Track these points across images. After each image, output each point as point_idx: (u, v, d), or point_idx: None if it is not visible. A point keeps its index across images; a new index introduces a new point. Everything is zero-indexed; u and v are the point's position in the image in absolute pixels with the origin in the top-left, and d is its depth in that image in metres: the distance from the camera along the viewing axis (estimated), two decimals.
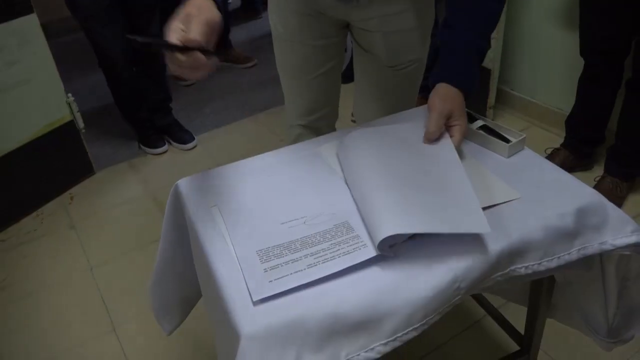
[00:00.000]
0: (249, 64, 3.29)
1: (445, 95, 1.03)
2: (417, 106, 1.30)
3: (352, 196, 0.93)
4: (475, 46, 1.03)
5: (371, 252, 0.80)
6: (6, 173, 2.06)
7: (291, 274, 0.78)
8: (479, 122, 1.12)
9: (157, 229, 1.99)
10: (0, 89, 1.95)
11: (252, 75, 3.21)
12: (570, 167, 2.10)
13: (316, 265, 0.79)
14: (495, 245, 0.82)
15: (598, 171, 2.07)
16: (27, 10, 1.95)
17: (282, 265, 0.80)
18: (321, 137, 1.15)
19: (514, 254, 0.84)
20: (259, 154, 1.12)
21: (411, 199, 0.85)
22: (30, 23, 1.97)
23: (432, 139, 1.02)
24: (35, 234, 2.09)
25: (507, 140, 1.06)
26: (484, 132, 1.09)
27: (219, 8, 0.86)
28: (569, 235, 0.87)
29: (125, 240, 2.02)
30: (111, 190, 2.30)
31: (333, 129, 1.54)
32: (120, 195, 2.27)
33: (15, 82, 1.99)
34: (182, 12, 0.83)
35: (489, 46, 1.06)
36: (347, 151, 1.01)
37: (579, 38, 1.92)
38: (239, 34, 3.68)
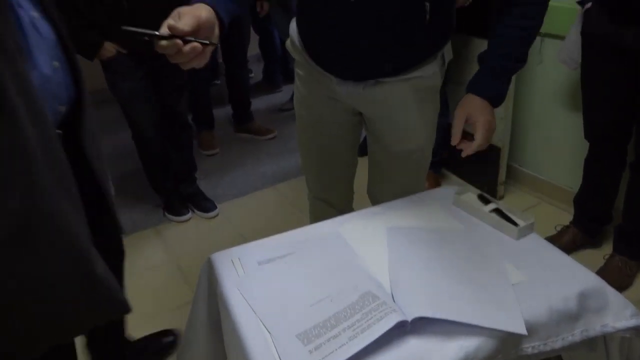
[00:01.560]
0: (269, 136, 3.45)
1: (464, 102, 1.27)
2: (427, 181, 1.41)
3: (390, 278, 1.01)
4: (500, 66, 1.26)
5: (402, 316, 0.88)
6: None
7: (336, 349, 0.84)
8: (492, 205, 1.22)
9: (180, 295, 2.08)
10: None
11: (271, 147, 3.37)
12: (579, 244, 2.17)
13: (356, 336, 0.86)
14: None
15: (607, 249, 2.13)
16: None
17: (325, 344, 0.86)
18: (340, 217, 1.25)
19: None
20: (278, 224, 1.21)
21: (453, 288, 0.95)
22: None
23: (455, 140, 1.25)
24: None
25: (516, 224, 1.15)
26: (496, 214, 1.18)
27: (217, 13, 0.98)
28: (572, 317, 0.94)
29: (149, 305, 2.09)
30: (137, 256, 2.39)
31: (350, 202, 1.66)
32: (146, 261, 2.36)
33: None
34: (176, 10, 0.94)
35: (520, 64, 1.28)
36: (396, 243, 1.11)
37: (583, 122, 2.04)
38: (259, 106, 3.88)
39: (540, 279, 0.99)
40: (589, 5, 1.81)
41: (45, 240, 0.86)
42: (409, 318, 0.88)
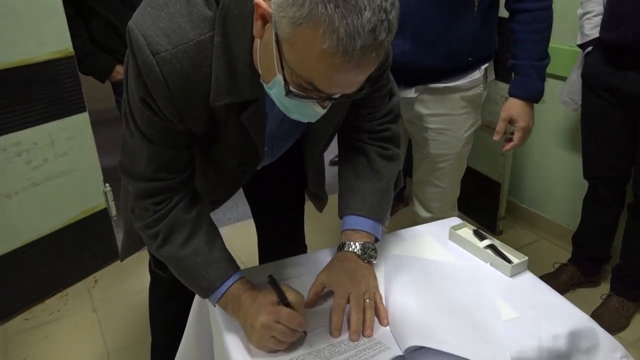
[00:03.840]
0: None
1: (508, 106, 1.60)
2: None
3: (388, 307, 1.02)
4: (532, 67, 1.54)
5: (394, 352, 0.89)
6: (38, 254, 2.19)
7: None
8: (487, 241, 1.23)
9: None
10: (47, 177, 2.14)
11: None
12: (577, 283, 2.17)
13: None
14: None
15: (605, 288, 2.13)
16: (81, 109, 2.18)
17: None
18: None
19: None
20: None
21: (446, 321, 0.96)
22: (81, 120, 2.19)
23: (497, 137, 1.61)
24: (58, 314, 2.18)
25: (510, 261, 1.16)
26: (491, 251, 1.19)
27: None
28: (561, 356, 0.95)
29: (142, 327, 2.09)
30: (133, 277, 2.40)
31: None
32: (142, 282, 2.36)
33: (60, 171, 2.17)
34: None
35: (546, 61, 1.55)
36: (394, 271, 1.12)
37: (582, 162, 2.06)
38: None
39: (531, 317, 0.99)
40: (589, 49, 1.85)
41: None
42: (402, 349, 0.89)
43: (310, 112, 0.86)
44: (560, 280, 2.15)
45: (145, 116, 0.92)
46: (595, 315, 1.97)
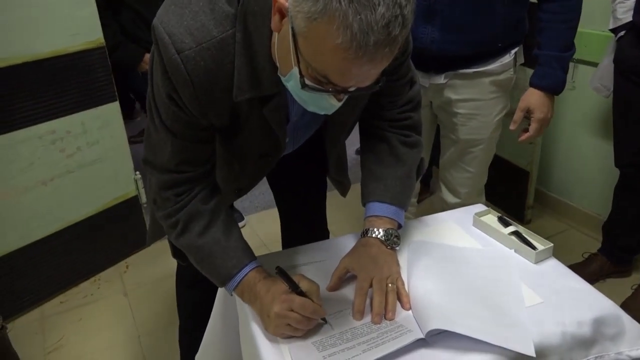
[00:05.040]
0: None
1: (526, 96, 1.58)
2: None
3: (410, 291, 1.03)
4: (555, 57, 1.51)
5: (415, 335, 0.90)
6: (72, 240, 2.26)
7: (349, 359, 0.87)
8: (511, 228, 1.22)
9: None
10: (80, 165, 2.20)
11: None
12: (607, 273, 2.13)
13: (370, 349, 0.89)
14: None
15: (636, 278, 2.09)
16: (112, 99, 2.23)
17: (338, 353, 0.89)
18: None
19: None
20: None
21: (469, 305, 0.96)
22: (112, 109, 2.24)
23: (513, 126, 1.59)
24: (91, 298, 2.25)
25: (535, 248, 1.15)
26: (515, 237, 1.19)
27: None
28: (586, 342, 0.94)
29: (172, 311, 2.13)
30: (164, 262, 2.45)
31: None
32: (172, 267, 2.40)
33: (92, 160, 2.24)
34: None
35: (570, 53, 1.53)
36: (416, 257, 1.12)
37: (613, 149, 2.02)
38: None
39: (556, 303, 0.99)
40: (622, 33, 1.80)
41: None
42: (424, 332, 0.90)
43: (326, 104, 0.87)
44: (590, 270, 2.12)
45: (170, 111, 0.94)
46: (625, 306, 1.94)
